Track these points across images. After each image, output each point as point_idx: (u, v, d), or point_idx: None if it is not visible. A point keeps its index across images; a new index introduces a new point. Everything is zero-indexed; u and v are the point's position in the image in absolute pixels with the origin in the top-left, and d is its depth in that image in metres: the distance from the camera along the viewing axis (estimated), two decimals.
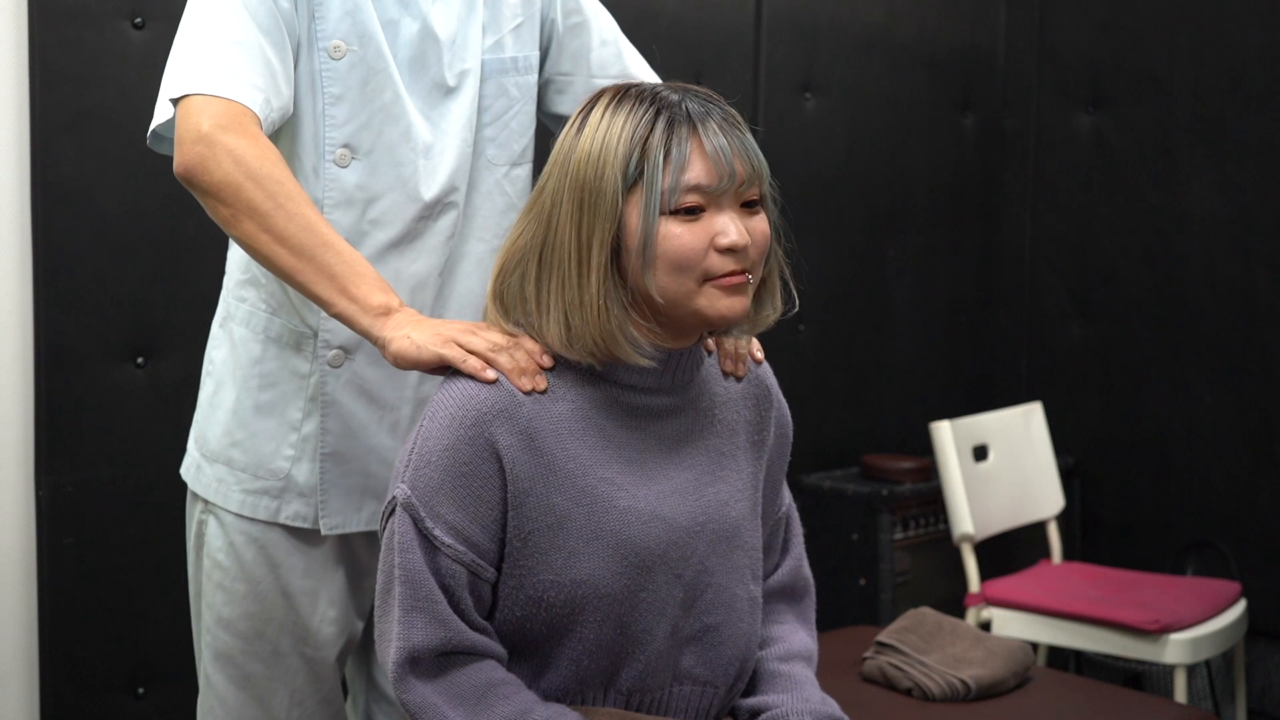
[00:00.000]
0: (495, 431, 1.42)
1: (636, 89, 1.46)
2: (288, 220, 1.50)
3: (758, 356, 1.62)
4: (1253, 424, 3.42)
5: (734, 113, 1.47)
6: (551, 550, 1.44)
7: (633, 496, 1.46)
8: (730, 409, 1.56)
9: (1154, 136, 3.59)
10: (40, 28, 2.38)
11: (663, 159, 1.40)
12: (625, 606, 1.46)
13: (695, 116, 1.42)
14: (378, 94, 1.65)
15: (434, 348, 1.46)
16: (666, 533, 1.48)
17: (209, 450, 1.74)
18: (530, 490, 1.43)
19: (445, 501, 1.41)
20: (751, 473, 1.58)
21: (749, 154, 1.44)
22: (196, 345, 1.86)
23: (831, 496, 3.29)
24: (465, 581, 1.43)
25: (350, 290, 1.50)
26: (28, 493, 2.46)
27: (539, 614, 1.45)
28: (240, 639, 1.73)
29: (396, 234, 1.67)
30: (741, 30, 3.29)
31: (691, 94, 1.46)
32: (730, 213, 1.43)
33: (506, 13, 1.75)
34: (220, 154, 1.51)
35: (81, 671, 2.49)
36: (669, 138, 1.41)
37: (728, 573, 1.52)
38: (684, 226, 1.41)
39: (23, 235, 2.43)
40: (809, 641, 1.65)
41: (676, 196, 1.40)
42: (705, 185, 1.41)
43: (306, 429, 1.69)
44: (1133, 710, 2.28)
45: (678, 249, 1.41)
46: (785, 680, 1.58)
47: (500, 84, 1.74)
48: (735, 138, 1.43)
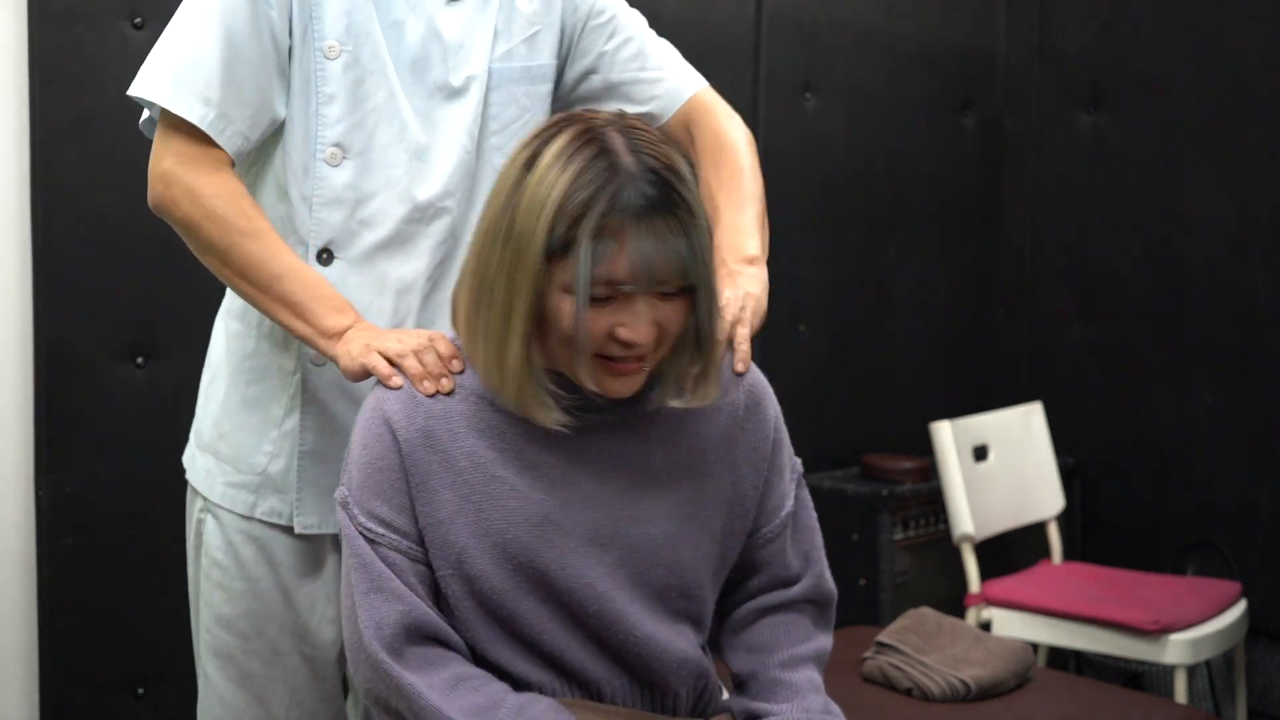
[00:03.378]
0: (395, 424, 1.47)
1: (598, 140, 1.40)
2: (242, 255, 1.58)
3: (738, 369, 1.57)
4: (1253, 424, 3.42)
5: (686, 197, 1.40)
6: (445, 545, 1.46)
7: (525, 499, 1.47)
8: (685, 424, 1.52)
9: (1154, 136, 3.59)
10: (40, 28, 2.38)
11: (586, 246, 1.36)
12: (523, 607, 1.47)
13: (631, 211, 1.37)
14: (372, 95, 1.65)
15: (361, 358, 1.52)
16: (560, 540, 1.47)
17: (202, 441, 1.76)
18: (425, 485, 1.47)
19: (370, 496, 1.47)
20: (710, 490, 1.53)
21: (676, 258, 1.38)
22: (196, 345, 1.86)
23: (831, 496, 3.29)
24: (408, 568, 1.46)
25: (307, 316, 1.58)
26: (28, 493, 2.46)
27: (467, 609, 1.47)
28: (240, 638, 1.73)
29: (386, 235, 1.66)
30: (741, 30, 3.29)
31: (646, 173, 1.38)
32: (642, 305, 1.40)
33: (521, 21, 1.74)
34: (178, 193, 1.59)
35: (81, 671, 2.49)
36: (597, 226, 1.36)
37: (635, 587, 1.49)
38: (590, 309, 1.39)
39: (23, 235, 2.43)
40: (823, 643, 1.63)
41: (592, 288, 1.38)
42: (618, 282, 1.38)
43: (287, 426, 1.70)
44: (1133, 710, 2.28)
45: (570, 329, 1.40)
46: (787, 689, 1.56)
47: (510, 92, 1.73)
48: (665, 241, 1.38)
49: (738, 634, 1.62)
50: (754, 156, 1.77)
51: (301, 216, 1.65)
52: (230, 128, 1.59)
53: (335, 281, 1.65)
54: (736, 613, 1.62)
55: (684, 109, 1.81)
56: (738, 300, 1.60)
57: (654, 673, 1.51)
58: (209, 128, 1.58)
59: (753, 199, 1.73)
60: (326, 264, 1.66)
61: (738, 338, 1.57)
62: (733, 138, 1.77)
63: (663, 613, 1.51)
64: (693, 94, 1.81)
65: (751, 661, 1.60)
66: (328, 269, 1.66)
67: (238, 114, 1.60)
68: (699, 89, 1.82)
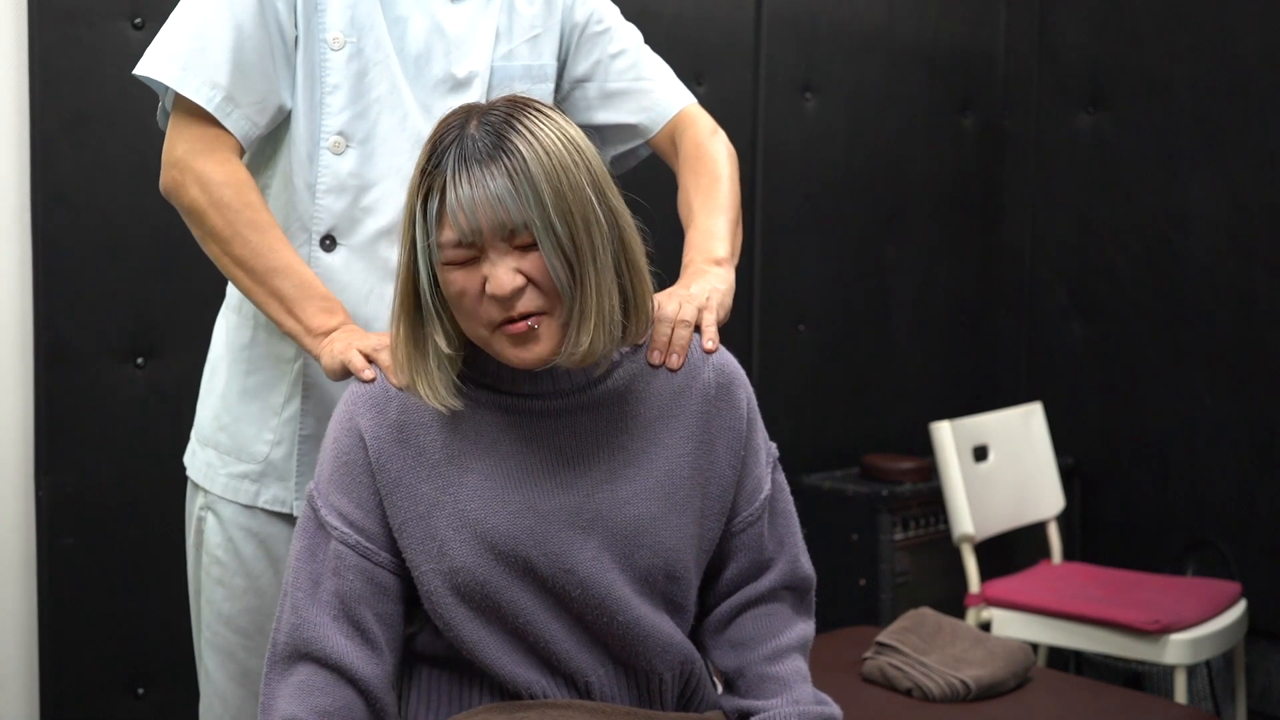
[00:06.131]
0: (363, 424, 1.48)
1: (455, 120, 1.44)
2: (243, 246, 1.61)
3: (707, 347, 1.57)
4: (1253, 424, 3.42)
5: (519, 145, 1.40)
6: (426, 539, 1.46)
7: (502, 487, 1.47)
8: (658, 404, 1.53)
9: (1154, 136, 3.59)
10: (40, 28, 2.38)
11: (420, 212, 1.41)
12: (506, 597, 1.47)
13: (451, 166, 1.40)
14: (375, 85, 1.68)
15: (341, 356, 1.54)
16: (540, 525, 1.47)
17: (202, 434, 1.78)
18: (400, 480, 1.47)
19: (334, 490, 1.48)
20: (687, 470, 1.53)
21: (503, 202, 1.38)
22: (196, 345, 1.86)
23: (831, 496, 3.29)
24: (353, 564, 1.46)
25: (296, 312, 1.61)
26: (28, 493, 2.46)
27: (449, 606, 1.47)
28: (241, 634, 1.74)
29: (388, 222, 1.69)
30: (741, 30, 3.29)
31: (480, 126, 1.41)
32: (497, 259, 1.41)
33: (523, 23, 1.79)
34: (189, 180, 1.62)
35: (81, 671, 2.49)
36: (426, 190, 1.41)
37: (620, 570, 1.50)
38: (459, 272, 1.42)
39: (23, 235, 2.43)
40: (804, 629, 1.62)
41: (441, 251, 1.41)
42: (453, 241, 1.40)
43: (288, 413, 1.72)
44: (1133, 710, 2.28)
45: (454, 295, 1.43)
46: (775, 683, 1.56)
47: (512, 90, 1.75)
48: (484, 186, 1.39)
49: (720, 632, 1.61)
50: (733, 169, 1.82)
51: (305, 204, 1.68)
52: (237, 111, 1.63)
53: (338, 268, 1.68)
54: (717, 611, 1.61)
55: (672, 123, 1.86)
56: (704, 292, 1.63)
57: (639, 657, 1.51)
58: (216, 110, 1.61)
59: (727, 207, 1.77)
60: (329, 250, 1.69)
61: (704, 321, 1.59)
62: (712, 150, 1.82)
63: (648, 597, 1.52)
64: (681, 109, 1.87)
65: (737, 658, 1.59)
66: (331, 255, 1.69)
67: (245, 99, 1.63)
68: (687, 104, 1.88)
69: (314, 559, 1.47)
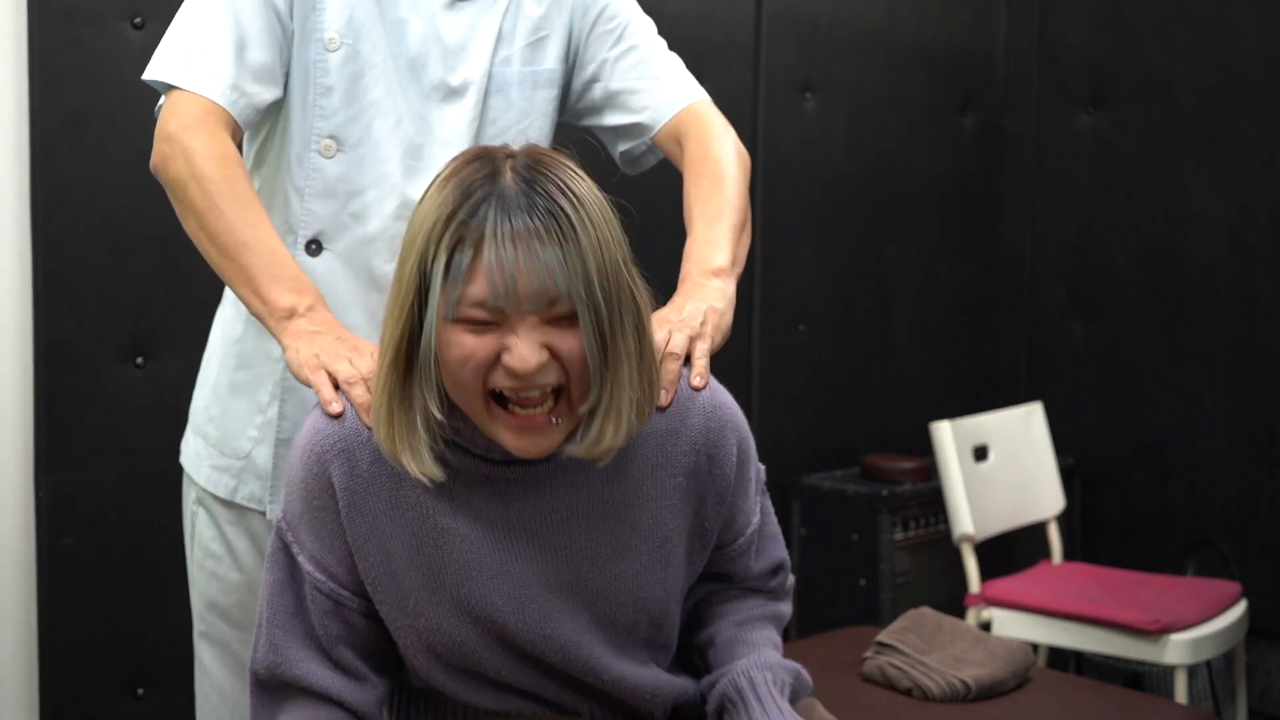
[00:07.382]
0: (333, 471, 1.37)
1: (482, 159, 1.31)
2: (218, 219, 1.52)
3: (695, 384, 1.45)
4: (1253, 424, 3.42)
5: (565, 208, 1.27)
6: (399, 596, 1.38)
7: (477, 551, 1.38)
8: (643, 454, 1.41)
9: (1154, 136, 3.59)
10: (40, 28, 2.38)
11: (444, 266, 1.26)
12: (484, 657, 1.40)
13: (494, 219, 1.25)
14: (370, 89, 1.65)
15: (306, 372, 1.43)
16: (518, 590, 1.39)
17: (195, 423, 1.78)
18: (370, 534, 1.37)
19: (304, 530, 1.40)
20: (673, 522, 1.44)
21: (551, 271, 1.25)
22: (196, 345, 1.86)
23: (831, 496, 3.29)
24: (329, 609, 1.40)
25: (261, 291, 1.50)
26: (28, 493, 2.46)
27: (424, 661, 1.41)
28: (235, 626, 1.75)
29: (375, 230, 1.66)
30: (741, 30, 3.29)
31: (517, 179, 1.28)
32: (524, 330, 1.27)
33: (527, 25, 1.73)
34: (177, 151, 1.55)
35: (81, 671, 2.49)
36: (456, 236, 1.26)
37: (600, 629, 1.43)
38: (470, 335, 1.28)
39: (23, 235, 2.43)
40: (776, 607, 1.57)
41: (458, 308, 1.27)
42: (478, 300, 1.26)
43: (271, 412, 1.71)
44: (1133, 711, 2.27)
45: (455, 358, 1.29)
46: (744, 645, 1.50)
47: (509, 97, 1.72)
48: (532, 250, 1.25)
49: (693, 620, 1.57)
50: (740, 169, 1.71)
51: (294, 206, 1.66)
52: (243, 99, 1.60)
53: (323, 273, 1.65)
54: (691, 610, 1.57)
55: (675, 120, 1.77)
56: (698, 314, 1.50)
57: (627, 705, 1.47)
58: (220, 97, 1.58)
59: (730, 210, 1.65)
60: (315, 255, 1.66)
61: (695, 353, 1.46)
62: (718, 150, 1.71)
63: (632, 650, 1.46)
64: (686, 105, 1.77)
65: (709, 631, 1.54)
66: (316, 260, 1.66)
67: (249, 87, 1.61)
68: (694, 101, 1.78)
69: (287, 592, 1.41)
